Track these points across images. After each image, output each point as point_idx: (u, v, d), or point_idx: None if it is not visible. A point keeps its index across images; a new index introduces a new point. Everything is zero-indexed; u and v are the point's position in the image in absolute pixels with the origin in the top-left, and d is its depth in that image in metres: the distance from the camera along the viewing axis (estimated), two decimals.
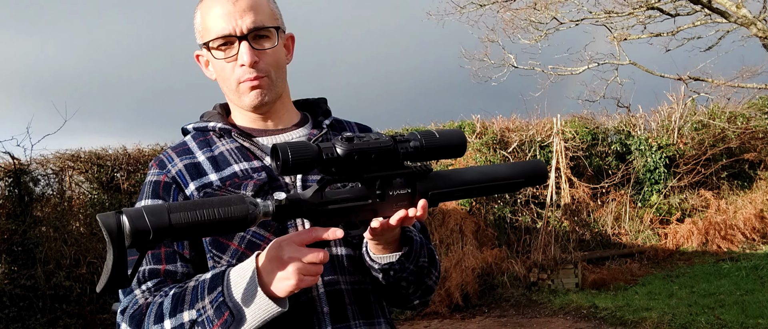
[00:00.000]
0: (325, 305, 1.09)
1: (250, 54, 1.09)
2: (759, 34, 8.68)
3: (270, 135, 1.20)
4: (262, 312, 0.94)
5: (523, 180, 1.10)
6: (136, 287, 1.04)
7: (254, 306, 0.93)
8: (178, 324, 0.96)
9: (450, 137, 1.02)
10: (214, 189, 1.09)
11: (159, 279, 1.04)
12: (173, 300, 0.98)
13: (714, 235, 8.46)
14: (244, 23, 1.08)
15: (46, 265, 5.79)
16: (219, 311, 0.93)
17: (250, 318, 0.93)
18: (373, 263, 1.10)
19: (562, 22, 10.03)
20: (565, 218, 7.88)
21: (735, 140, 9.57)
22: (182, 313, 0.96)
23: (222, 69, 1.13)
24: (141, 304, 1.02)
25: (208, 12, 1.10)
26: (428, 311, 6.16)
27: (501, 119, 9.36)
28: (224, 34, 1.08)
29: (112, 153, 7.11)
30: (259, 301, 0.93)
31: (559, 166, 7.77)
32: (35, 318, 5.56)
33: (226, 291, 0.94)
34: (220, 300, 0.94)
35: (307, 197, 0.93)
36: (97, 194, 6.93)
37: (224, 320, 0.93)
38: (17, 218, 5.94)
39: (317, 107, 1.30)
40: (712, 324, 4.88)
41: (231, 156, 1.15)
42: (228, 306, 0.93)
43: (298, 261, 0.91)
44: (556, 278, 6.73)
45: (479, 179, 1.06)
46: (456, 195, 1.05)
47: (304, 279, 0.92)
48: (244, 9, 1.08)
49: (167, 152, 1.18)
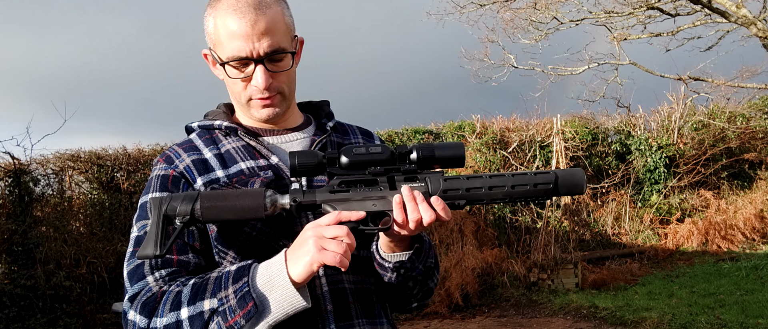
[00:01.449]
0: (329, 303, 1.10)
1: (266, 78, 1.09)
2: (759, 34, 8.68)
3: (275, 135, 1.20)
4: (287, 304, 0.94)
5: (552, 188, 1.06)
6: (148, 273, 1.02)
7: (279, 297, 0.93)
8: (197, 313, 0.95)
9: (448, 149, 1.06)
10: (222, 185, 1.10)
11: (173, 268, 1.03)
12: (193, 288, 0.98)
13: (714, 235, 8.46)
14: (261, 47, 1.06)
15: (46, 265, 5.79)
16: (243, 301, 0.93)
17: (275, 310, 0.93)
18: (383, 261, 1.12)
19: (562, 22, 10.03)
20: (565, 218, 7.88)
21: (735, 140, 9.57)
22: (202, 302, 0.95)
23: (234, 83, 1.12)
24: (155, 292, 1.00)
25: (224, 25, 1.07)
26: (428, 311, 6.16)
27: (501, 119, 9.37)
28: (241, 57, 1.07)
29: (112, 153, 7.10)
30: (285, 292, 0.93)
31: (559, 166, 7.77)
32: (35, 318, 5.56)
33: (251, 281, 0.94)
34: (245, 291, 0.93)
35: (321, 190, 1.03)
36: (97, 194, 6.93)
37: (247, 310, 0.92)
38: (17, 218, 5.94)
39: (320, 110, 1.31)
40: (712, 324, 4.88)
41: (237, 154, 1.15)
42: (252, 296, 0.93)
43: (318, 236, 0.93)
44: (556, 278, 6.73)
45: (501, 183, 1.05)
46: (474, 199, 1.05)
47: (325, 252, 0.92)
48: (261, 31, 1.06)
49: (173, 148, 1.18)
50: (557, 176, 1.06)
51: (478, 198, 1.05)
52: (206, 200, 0.99)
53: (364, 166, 1.04)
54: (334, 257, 0.92)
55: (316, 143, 1.20)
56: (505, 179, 1.05)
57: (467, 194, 1.04)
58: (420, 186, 1.04)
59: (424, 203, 1.00)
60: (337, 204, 1.02)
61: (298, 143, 1.21)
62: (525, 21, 10.10)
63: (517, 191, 1.05)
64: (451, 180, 1.04)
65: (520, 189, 1.05)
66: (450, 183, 1.04)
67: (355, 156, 1.03)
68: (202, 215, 0.98)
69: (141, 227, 1.08)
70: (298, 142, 1.21)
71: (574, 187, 1.07)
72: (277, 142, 1.20)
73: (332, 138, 1.25)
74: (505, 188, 1.05)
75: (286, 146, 1.20)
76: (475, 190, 1.04)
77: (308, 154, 1.03)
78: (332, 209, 1.01)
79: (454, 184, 1.04)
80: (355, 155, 1.03)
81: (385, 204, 1.03)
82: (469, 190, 1.04)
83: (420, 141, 9.16)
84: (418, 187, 1.04)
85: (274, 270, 0.95)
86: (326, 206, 1.02)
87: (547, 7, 9.77)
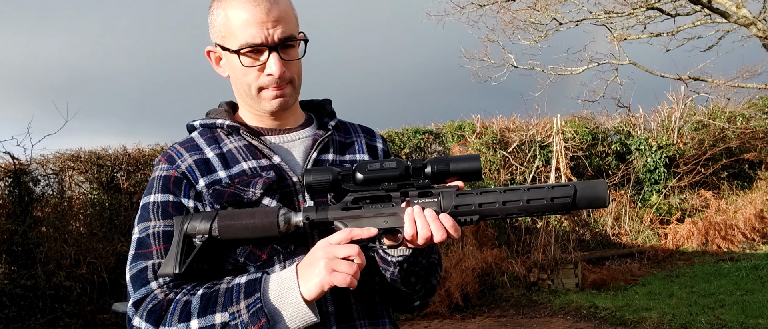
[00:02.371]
0: (331, 304, 1.10)
1: (280, 66, 1.09)
2: (759, 34, 8.68)
3: (278, 134, 1.20)
4: (298, 319, 0.95)
5: (571, 201, 1.02)
6: (151, 278, 1.02)
7: (291, 313, 0.95)
8: (208, 325, 0.95)
9: (463, 162, 1.06)
10: (224, 186, 1.10)
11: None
12: (202, 300, 0.98)
13: (714, 235, 8.46)
14: (275, 33, 1.08)
15: (46, 265, 5.79)
16: (255, 316, 0.94)
17: (287, 325, 0.95)
18: (386, 255, 1.12)
19: (562, 23, 10.03)
20: (565, 218, 7.88)
21: (735, 140, 9.57)
22: (214, 315, 0.96)
23: (245, 73, 1.12)
24: (161, 300, 1.00)
25: (236, 14, 1.08)
26: (428, 311, 6.15)
27: (501, 119, 9.36)
28: (256, 43, 1.07)
29: (112, 153, 7.10)
30: (297, 309, 0.95)
31: (559, 166, 7.78)
32: (35, 318, 5.55)
33: (263, 297, 0.95)
34: (258, 307, 0.94)
35: (333, 207, 1.04)
36: (97, 194, 6.93)
37: (260, 326, 0.93)
38: (17, 218, 5.93)
39: (322, 109, 1.31)
40: (712, 324, 4.88)
41: (239, 154, 1.15)
42: (265, 312, 0.94)
43: (329, 257, 0.95)
44: (556, 278, 6.73)
45: (516, 198, 1.03)
46: (488, 214, 1.04)
47: (335, 274, 0.94)
48: (275, 19, 1.08)
49: (175, 147, 1.18)
50: (576, 189, 1.02)
51: (491, 213, 1.03)
52: (223, 218, 1.03)
53: (379, 182, 1.05)
54: (344, 278, 0.93)
55: (317, 142, 1.19)
56: (520, 193, 1.02)
57: (480, 209, 1.03)
58: (433, 202, 1.04)
59: (436, 221, 1.00)
60: (349, 221, 1.03)
61: (300, 143, 1.21)
62: (525, 21, 10.10)
63: (533, 206, 1.02)
64: (464, 196, 1.03)
65: (536, 203, 1.02)
66: (463, 199, 1.03)
67: (369, 172, 1.04)
68: (219, 233, 1.02)
69: (142, 229, 1.08)
70: (300, 141, 1.21)
71: (594, 200, 1.02)
72: (279, 141, 1.19)
73: (334, 137, 1.25)
74: (520, 203, 1.02)
75: (288, 145, 1.20)
76: (489, 205, 1.02)
77: (322, 171, 1.05)
78: (344, 226, 1.02)
79: (467, 199, 1.02)
80: (370, 172, 1.04)
81: (396, 221, 1.03)
82: (482, 205, 1.02)
83: (420, 141, 9.16)
84: (431, 203, 1.04)
85: (287, 286, 0.97)
86: (338, 224, 1.03)
87: (546, 8, 9.77)
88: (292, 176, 1.14)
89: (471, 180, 1.07)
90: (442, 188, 1.06)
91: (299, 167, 1.17)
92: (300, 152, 1.19)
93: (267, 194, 1.09)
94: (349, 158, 1.24)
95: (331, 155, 1.21)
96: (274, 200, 1.09)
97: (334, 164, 1.20)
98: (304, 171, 1.05)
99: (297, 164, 1.18)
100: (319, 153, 1.19)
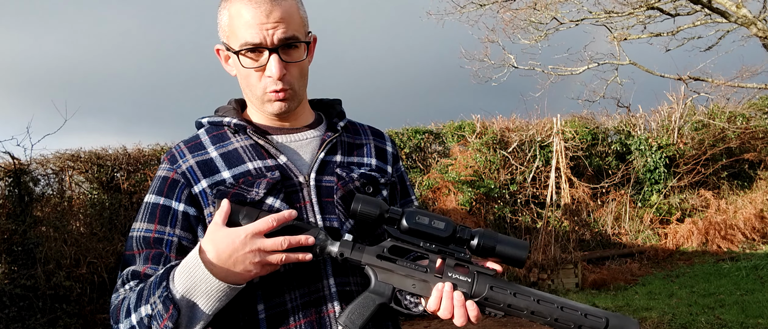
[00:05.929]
0: (337, 305, 1.10)
1: (279, 67, 1.09)
2: (759, 34, 8.68)
3: (285, 133, 1.20)
4: (214, 291, 0.97)
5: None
6: (120, 286, 1.08)
7: (204, 291, 0.97)
8: (139, 319, 0.99)
9: (511, 247, 1.04)
10: (228, 187, 1.10)
11: (139, 280, 1.07)
12: (137, 295, 1.02)
13: (714, 235, 8.46)
14: (275, 35, 1.07)
15: (46, 265, 5.79)
16: (165, 306, 0.96)
17: (204, 304, 0.97)
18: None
19: (562, 22, 10.03)
20: (565, 218, 7.88)
21: (735, 140, 9.57)
22: (141, 308, 0.99)
23: (247, 75, 1.12)
24: (117, 303, 1.05)
25: (238, 15, 1.08)
26: None
27: (501, 119, 9.37)
28: (254, 43, 1.07)
29: (112, 153, 7.10)
30: (208, 284, 0.97)
31: (559, 166, 7.78)
32: (35, 318, 5.55)
33: (170, 285, 0.97)
34: (166, 295, 0.96)
35: (369, 251, 1.05)
36: (97, 194, 6.92)
37: (170, 314, 0.95)
38: (17, 218, 5.93)
39: (332, 108, 1.31)
40: (712, 324, 4.88)
41: (245, 153, 1.15)
42: (172, 300, 0.96)
43: (257, 251, 0.97)
44: (556, 278, 6.73)
45: (546, 312, 1.01)
46: (514, 314, 1.02)
47: (266, 267, 0.99)
48: (276, 20, 1.07)
49: (179, 146, 1.19)
50: (608, 321, 1.00)
51: (516, 315, 1.02)
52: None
53: (421, 236, 1.04)
54: (273, 268, 1.01)
55: (325, 142, 1.19)
56: (551, 309, 1.00)
57: (507, 309, 1.01)
58: (465, 282, 1.02)
59: (462, 308, 1.01)
60: (380, 272, 1.03)
61: (307, 143, 1.20)
62: (525, 21, 10.10)
63: (560, 325, 1.01)
64: (498, 290, 1.01)
65: (563, 325, 1.00)
66: (495, 293, 1.01)
67: (415, 224, 1.03)
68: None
69: (132, 229, 1.12)
70: (307, 141, 1.21)
71: None
72: (286, 141, 1.19)
73: (343, 138, 1.25)
74: (548, 319, 1.01)
75: (295, 145, 1.19)
76: (516, 309, 1.01)
77: (372, 203, 1.04)
78: (373, 273, 1.03)
79: (499, 296, 1.01)
80: (416, 224, 1.03)
81: (424, 288, 1.03)
82: (511, 306, 1.01)
83: (420, 141, 9.16)
84: (463, 283, 1.02)
85: (191, 270, 0.98)
86: (368, 270, 1.04)
87: (546, 8, 9.77)
88: (298, 176, 1.14)
89: (512, 266, 1.06)
90: (478, 268, 1.04)
91: (306, 166, 1.17)
92: (307, 153, 1.19)
93: (270, 193, 1.09)
94: (357, 160, 1.23)
95: (338, 157, 1.21)
96: (278, 199, 1.09)
97: (342, 165, 1.20)
98: (355, 197, 1.05)
99: (304, 163, 1.17)
100: (327, 154, 1.19)
